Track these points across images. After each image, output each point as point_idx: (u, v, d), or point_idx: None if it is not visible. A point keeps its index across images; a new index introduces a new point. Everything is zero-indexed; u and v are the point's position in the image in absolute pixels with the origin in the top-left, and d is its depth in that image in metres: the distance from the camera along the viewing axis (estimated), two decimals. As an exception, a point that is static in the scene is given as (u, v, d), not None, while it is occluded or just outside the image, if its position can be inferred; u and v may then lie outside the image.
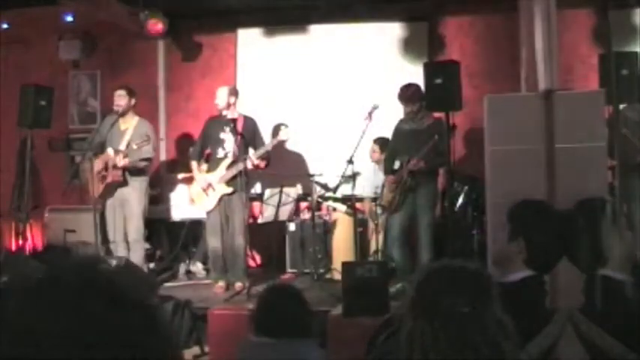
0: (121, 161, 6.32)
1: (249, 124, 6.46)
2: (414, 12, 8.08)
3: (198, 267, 7.47)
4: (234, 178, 6.29)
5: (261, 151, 6.36)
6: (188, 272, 7.43)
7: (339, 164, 6.59)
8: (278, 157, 7.75)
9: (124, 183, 6.44)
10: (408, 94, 6.07)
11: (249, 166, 6.30)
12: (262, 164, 6.38)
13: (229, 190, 6.29)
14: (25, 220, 6.53)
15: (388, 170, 6.23)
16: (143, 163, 6.55)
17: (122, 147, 6.41)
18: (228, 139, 6.37)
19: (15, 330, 0.83)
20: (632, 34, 6.88)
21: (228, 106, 6.40)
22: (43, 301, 0.85)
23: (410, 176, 5.92)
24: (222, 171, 6.33)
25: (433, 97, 5.56)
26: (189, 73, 8.57)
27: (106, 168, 6.41)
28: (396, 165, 6.07)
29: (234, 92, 6.50)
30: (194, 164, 6.58)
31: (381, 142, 6.81)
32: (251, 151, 6.40)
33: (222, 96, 6.42)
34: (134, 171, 6.46)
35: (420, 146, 5.84)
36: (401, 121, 6.26)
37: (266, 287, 3.27)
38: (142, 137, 6.36)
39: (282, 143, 6.70)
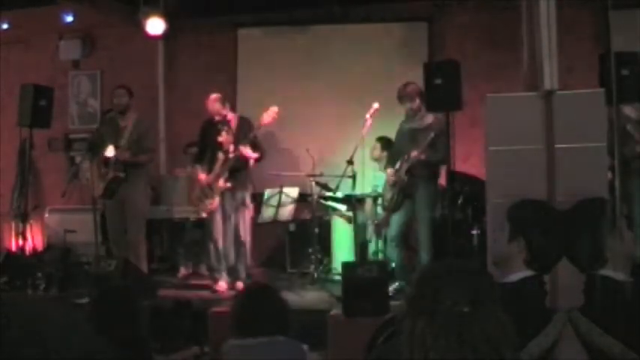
0: (122, 154, 6.33)
1: (244, 123, 6.47)
2: (414, 12, 8.09)
3: (201, 267, 7.46)
4: (231, 174, 6.29)
5: (247, 139, 6.27)
6: (191, 273, 7.43)
7: (339, 164, 6.59)
8: (278, 157, 7.76)
9: (125, 178, 6.43)
10: (404, 91, 6.10)
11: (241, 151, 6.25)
12: (249, 153, 6.34)
13: (227, 185, 6.28)
14: (25, 220, 6.53)
15: (389, 166, 6.25)
16: (145, 157, 6.55)
17: (122, 143, 6.42)
18: (225, 141, 6.38)
19: None
20: (632, 34, 6.87)
21: (220, 112, 6.43)
22: None
23: (408, 175, 5.93)
24: (217, 169, 6.35)
25: (433, 97, 5.55)
26: (189, 73, 8.57)
27: (106, 164, 6.42)
28: (397, 165, 6.08)
29: (223, 99, 6.52)
30: (197, 167, 6.59)
31: (383, 140, 6.83)
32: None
33: (215, 108, 6.42)
34: (135, 166, 6.47)
35: (420, 145, 5.87)
36: (403, 121, 6.28)
37: (243, 290, 3.29)
38: (140, 132, 6.40)
39: (267, 125, 6.60)
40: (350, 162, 6.39)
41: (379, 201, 6.67)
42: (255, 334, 2.84)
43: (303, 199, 7.27)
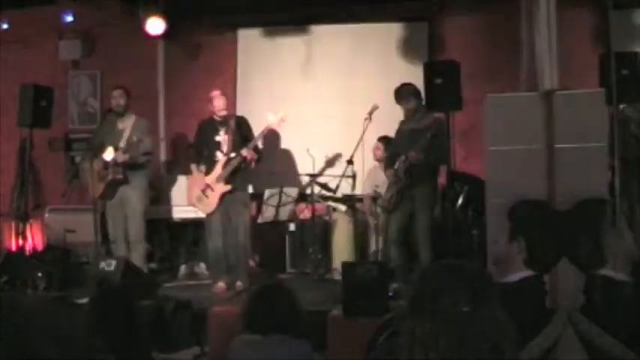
0: (121, 157, 6.33)
1: (242, 122, 6.50)
2: (414, 12, 8.08)
3: (201, 267, 7.46)
4: (232, 175, 6.29)
5: (252, 143, 6.34)
6: (191, 273, 7.42)
7: (339, 164, 6.59)
8: (278, 156, 7.76)
9: (124, 180, 6.43)
10: (400, 92, 6.12)
11: (243, 154, 6.27)
12: (252, 156, 6.34)
13: (228, 187, 6.29)
14: (25, 220, 6.53)
15: (388, 168, 6.25)
16: (143, 158, 6.55)
17: (121, 145, 6.42)
18: (224, 140, 6.39)
19: None
20: (632, 34, 6.88)
21: (225, 108, 6.45)
22: None
23: (406, 176, 5.94)
24: (218, 170, 6.34)
25: (433, 97, 5.55)
26: (189, 73, 8.56)
27: (106, 166, 6.42)
28: (396, 165, 6.08)
29: (225, 96, 6.57)
30: (193, 167, 6.58)
31: (385, 140, 6.84)
32: None
33: (222, 103, 6.44)
34: (135, 168, 6.47)
35: (418, 145, 5.87)
36: (402, 121, 6.29)
37: (257, 286, 3.32)
38: (139, 133, 6.40)
39: (271, 130, 6.66)
40: (350, 162, 6.40)
41: (379, 201, 6.67)
42: (265, 331, 2.86)
43: (303, 199, 7.27)
